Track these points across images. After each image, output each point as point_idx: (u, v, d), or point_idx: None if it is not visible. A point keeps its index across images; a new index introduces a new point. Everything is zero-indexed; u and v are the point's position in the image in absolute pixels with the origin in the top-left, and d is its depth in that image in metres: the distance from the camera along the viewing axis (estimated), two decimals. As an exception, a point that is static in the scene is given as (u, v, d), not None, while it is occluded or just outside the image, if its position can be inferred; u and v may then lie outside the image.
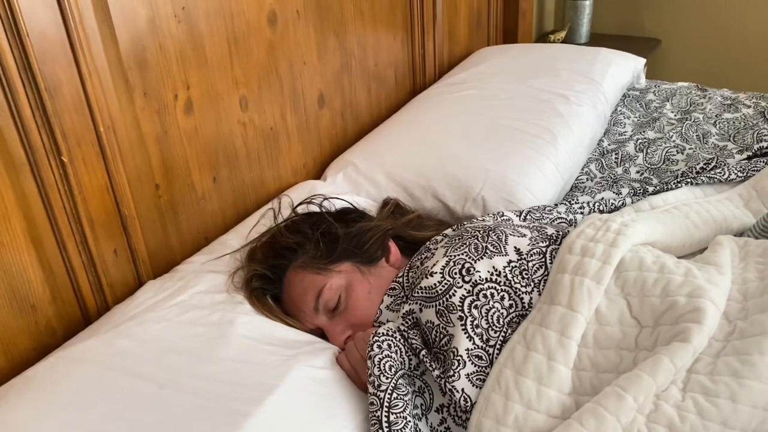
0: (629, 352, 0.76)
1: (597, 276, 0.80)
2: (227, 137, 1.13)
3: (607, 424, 0.68)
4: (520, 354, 0.78)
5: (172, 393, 0.76)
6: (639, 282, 0.80)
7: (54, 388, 0.77)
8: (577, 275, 0.81)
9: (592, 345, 0.77)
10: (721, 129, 1.49)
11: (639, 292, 0.79)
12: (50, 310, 0.91)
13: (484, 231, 0.91)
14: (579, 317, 0.78)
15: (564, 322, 0.77)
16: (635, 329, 0.77)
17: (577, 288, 0.79)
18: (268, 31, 1.18)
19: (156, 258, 1.04)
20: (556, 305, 0.79)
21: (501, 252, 0.87)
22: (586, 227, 0.88)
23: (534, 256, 0.87)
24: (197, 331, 0.85)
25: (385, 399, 0.78)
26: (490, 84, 1.57)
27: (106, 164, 0.93)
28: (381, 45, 1.53)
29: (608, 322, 0.79)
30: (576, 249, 0.84)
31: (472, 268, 0.85)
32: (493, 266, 0.85)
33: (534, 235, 0.91)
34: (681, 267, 0.81)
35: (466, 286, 0.83)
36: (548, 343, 0.77)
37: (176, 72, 1.01)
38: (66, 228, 0.89)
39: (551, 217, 1.07)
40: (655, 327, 0.76)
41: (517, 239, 0.89)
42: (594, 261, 0.81)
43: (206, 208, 1.12)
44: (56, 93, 0.85)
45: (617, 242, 0.83)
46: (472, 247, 0.88)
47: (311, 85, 1.32)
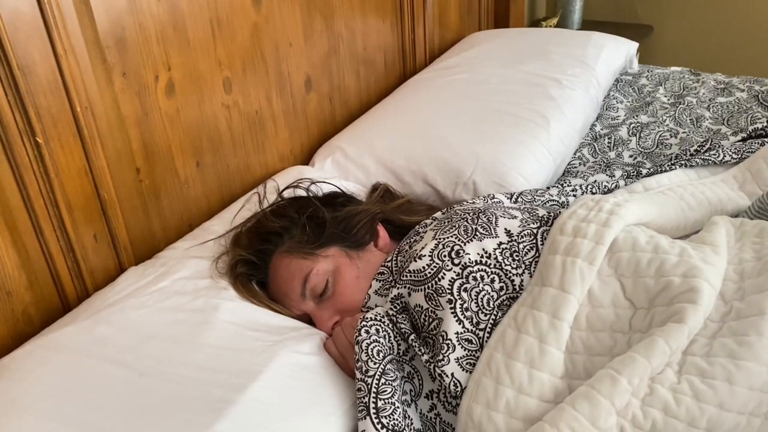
0: (623, 334, 0.74)
1: (589, 256, 0.78)
2: (211, 121, 1.10)
3: (601, 408, 0.66)
4: (510, 337, 0.76)
5: (153, 381, 0.74)
6: (632, 262, 0.78)
7: (31, 376, 0.75)
8: (569, 256, 0.78)
9: (585, 328, 0.75)
10: (715, 113, 1.47)
11: (633, 273, 0.77)
12: (27, 297, 0.88)
13: (474, 213, 0.89)
14: (571, 299, 0.76)
15: (556, 304, 0.75)
16: (629, 311, 0.75)
17: (569, 269, 0.77)
18: (253, 11, 1.15)
19: (138, 244, 1.01)
20: (547, 287, 0.77)
21: (491, 234, 0.85)
22: (578, 208, 0.86)
23: (525, 237, 0.85)
24: (179, 317, 0.82)
25: (372, 384, 0.75)
26: (482, 68, 1.55)
27: (84, 146, 0.90)
28: (370, 28, 1.50)
29: (601, 303, 0.77)
30: (568, 229, 0.82)
31: (461, 251, 0.83)
32: (483, 248, 0.83)
33: (525, 216, 0.89)
34: (676, 247, 0.79)
35: (456, 268, 0.81)
36: (540, 326, 0.75)
37: (157, 52, 0.98)
38: (42, 211, 0.87)
39: (543, 199, 1.05)
40: (650, 308, 0.74)
41: (508, 221, 0.87)
42: (586, 241, 0.79)
43: (190, 193, 1.09)
44: (30, 72, 0.82)
45: (610, 222, 0.81)
46: (461, 230, 0.85)
47: (298, 68, 1.29)
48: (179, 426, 0.69)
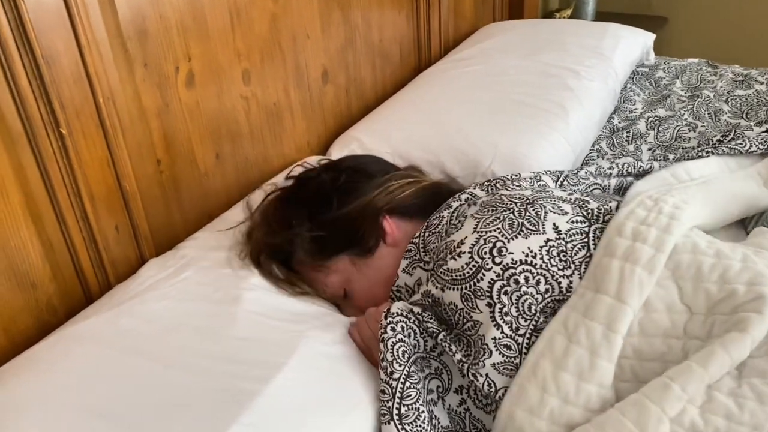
0: (677, 340, 0.71)
1: (649, 265, 0.73)
2: (230, 112, 1.10)
3: (650, 414, 0.63)
4: (560, 346, 0.72)
5: (178, 372, 0.74)
6: (693, 267, 0.74)
7: (56, 368, 0.75)
8: (627, 262, 0.74)
9: (636, 333, 0.72)
10: (734, 106, 1.46)
11: (693, 277, 0.73)
12: (51, 288, 0.88)
13: (522, 204, 0.82)
14: (627, 310, 0.71)
15: (611, 316, 0.71)
16: (684, 316, 0.72)
17: (628, 277, 0.72)
18: (271, 2, 1.14)
19: (158, 235, 1.01)
20: (602, 294, 0.73)
21: (538, 230, 0.79)
22: (636, 207, 0.81)
23: (575, 236, 0.79)
24: (202, 308, 0.83)
25: (397, 389, 0.74)
26: (498, 59, 1.54)
27: (106, 137, 0.90)
28: (386, 20, 1.49)
29: (655, 308, 0.72)
30: (626, 232, 0.77)
31: (504, 249, 0.77)
32: (528, 246, 0.77)
33: (575, 211, 0.83)
34: (737, 252, 0.75)
35: (496, 269, 0.76)
36: (593, 337, 0.71)
37: (177, 43, 0.98)
38: (66, 202, 0.87)
39: (587, 183, 0.99)
40: (709, 315, 0.70)
41: (557, 216, 0.81)
42: (646, 247, 0.74)
43: (209, 184, 1.09)
44: (54, 62, 0.82)
45: (671, 228, 0.76)
46: (506, 223, 0.80)
47: (315, 59, 1.28)
48: (204, 417, 0.69)
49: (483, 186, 0.96)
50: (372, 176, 0.98)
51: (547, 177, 0.98)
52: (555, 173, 1.00)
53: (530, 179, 0.97)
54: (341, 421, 0.73)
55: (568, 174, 0.99)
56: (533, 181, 0.96)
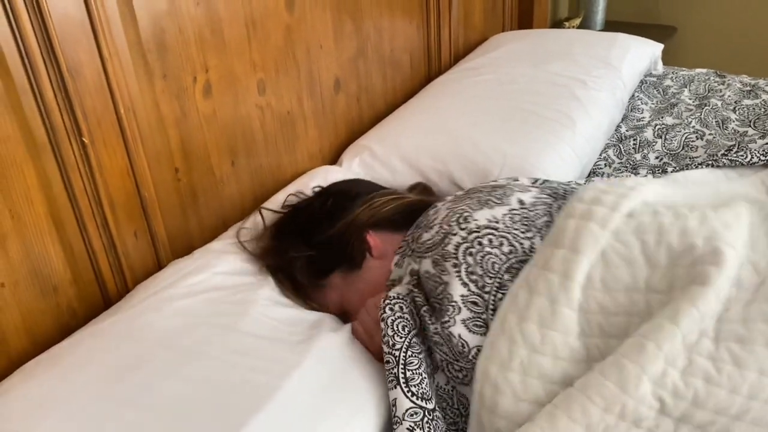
0: (639, 294, 0.74)
1: (602, 221, 0.78)
2: (245, 121, 1.13)
3: (630, 373, 0.66)
4: (523, 298, 0.76)
5: (200, 365, 0.77)
6: (655, 223, 0.78)
7: (82, 361, 0.78)
8: (582, 220, 0.79)
9: (599, 288, 0.75)
10: (741, 115, 1.47)
11: (656, 231, 0.77)
12: (71, 292, 0.91)
13: (492, 187, 0.92)
14: (582, 259, 0.76)
15: (566, 264, 0.76)
16: (645, 270, 0.75)
17: (582, 230, 0.78)
18: (286, 14, 1.17)
19: (175, 241, 1.04)
20: (559, 248, 0.78)
21: (503, 203, 0.87)
22: (598, 183, 0.87)
23: (538, 207, 0.86)
24: (221, 308, 0.86)
25: (400, 357, 0.78)
26: (507, 69, 1.56)
27: (127, 146, 0.93)
28: (397, 30, 1.52)
29: (616, 264, 0.76)
30: (586, 198, 0.83)
31: (470, 217, 0.85)
32: (492, 215, 0.85)
33: (541, 191, 0.91)
34: (695, 212, 0.79)
35: (462, 233, 0.83)
36: (551, 286, 0.75)
37: (195, 55, 1.01)
38: (87, 209, 0.90)
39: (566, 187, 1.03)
40: (670, 268, 0.74)
41: (522, 194, 0.89)
42: (602, 208, 0.80)
43: (225, 192, 1.12)
44: (77, 74, 0.85)
45: (628, 194, 0.82)
46: (474, 200, 0.88)
47: (327, 69, 1.31)
48: (229, 409, 0.71)
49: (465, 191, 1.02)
50: (357, 196, 1.03)
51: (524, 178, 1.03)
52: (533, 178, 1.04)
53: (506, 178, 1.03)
54: (353, 414, 0.76)
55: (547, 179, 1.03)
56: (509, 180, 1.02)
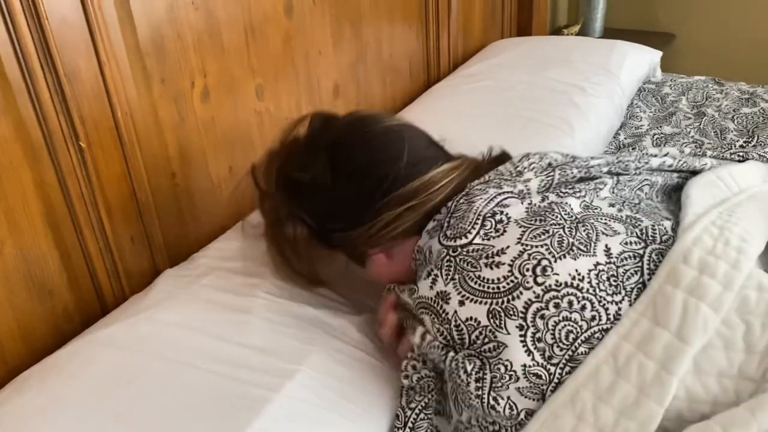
0: (730, 380, 0.66)
1: (716, 303, 0.66)
2: (243, 126, 1.13)
3: None
4: (606, 378, 0.66)
5: (195, 377, 0.76)
6: (763, 304, 0.68)
7: (79, 372, 0.78)
8: (692, 296, 0.67)
9: (690, 371, 0.66)
10: (740, 124, 1.47)
11: (764, 314, 0.67)
12: (67, 296, 0.91)
13: (572, 221, 0.75)
14: (688, 351, 0.65)
15: (669, 354, 0.65)
16: (741, 355, 0.66)
17: (692, 314, 0.66)
18: (285, 20, 1.17)
19: (172, 246, 1.03)
20: (661, 328, 0.66)
21: (588, 251, 0.72)
22: (702, 233, 0.73)
23: (627, 259, 0.72)
24: (217, 316, 0.85)
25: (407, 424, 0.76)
26: (506, 75, 1.57)
27: (124, 150, 0.92)
28: (396, 36, 1.52)
29: (714, 345, 0.67)
30: (693, 261, 0.70)
31: (549, 268, 0.70)
32: (576, 268, 0.70)
33: (628, 231, 0.75)
34: None
35: (537, 289, 0.69)
36: (644, 375, 0.65)
37: (193, 59, 1.01)
38: (83, 214, 0.89)
39: (639, 179, 0.88)
40: (765, 356, 0.65)
41: (609, 238, 0.74)
42: (714, 283, 0.68)
43: (222, 196, 1.12)
44: (75, 78, 0.85)
45: (740, 264, 0.70)
46: (555, 240, 0.72)
47: (326, 75, 1.31)
48: (222, 421, 0.71)
49: (519, 179, 0.82)
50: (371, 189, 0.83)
51: (601, 167, 0.85)
52: (606, 163, 0.87)
53: (583, 169, 0.84)
54: (351, 426, 0.74)
55: (619, 161, 0.88)
56: (590, 183, 0.83)
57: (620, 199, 0.82)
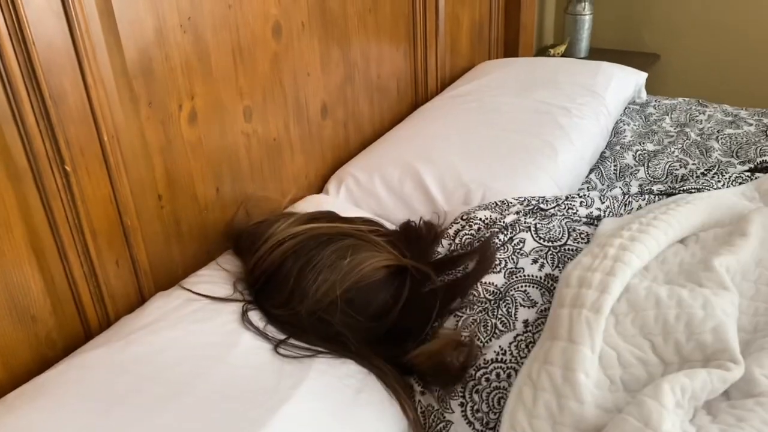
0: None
1: (594, 306, 0.77)
2: (231, 148, 1.13)
3: (650, 408, 0.66)
4: (528, 396, 0.75)
5: (189, 400, 0.75)
6: (660, 321, 0.77)
7: (68, 393, 0.76)
8: (575, 308, 0.78)
9: (621, 389, 0.75)
10: (724, 144, 1.49)
11: (662, 331, 0.77)
12: (50, 322, 0.90)
13: (495, 299, 0.88)
14: (581, 349, 0.74)
15: (566, 356, 0.75)
16: (659, 367, 0.75)
17: (576, 319, 0.77)
18: (273, 42, 1.17)
19: (158, 270, 1.02)
20: (557, 340, 0.77)
21: (509, 328, 0.85)
22: (582, 257, 0.86)
23: (541, 326, 0.84)
24: (211, 339, 0.84)
25: None
26: (493, 97, 1.58)
27: (110, 174, 0.92)
28: (384, 57, 1.53)
29: (631, 364, 0.76)
30: (572, 281, 0.82)
31: (479, 351, 0.84)
32: (499, 345, 0.83)
33: (543, 298, 0.87)
34: (698, 298, 0.78)
35: (470, 370, 0.83)
36: (554, 381, 0.74)
37: (181, 82, 1.01)
38: (68, 238, 0.88)
39: (576, 221, 1.03)
40: (683, 363, 0.74)
41: (527, 311, 0.86)
42: (590, 291, 0.79)
43: (209, 219, 1.11)
44: (61, 101, 0.84)
45: (615, 270, 0.81)
46: (481, 326, 0.86)
47: (314, 96, 1.31)
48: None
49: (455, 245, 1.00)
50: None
51: (525, 235, 0.96)
52: (538, 217, 1.02)
53: (506, 244, 0.95)
54: None
55: (551, 223, 0.99)
56: (510, 255, 0.94)
57: (544, 250, 0.94)
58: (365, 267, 0.88)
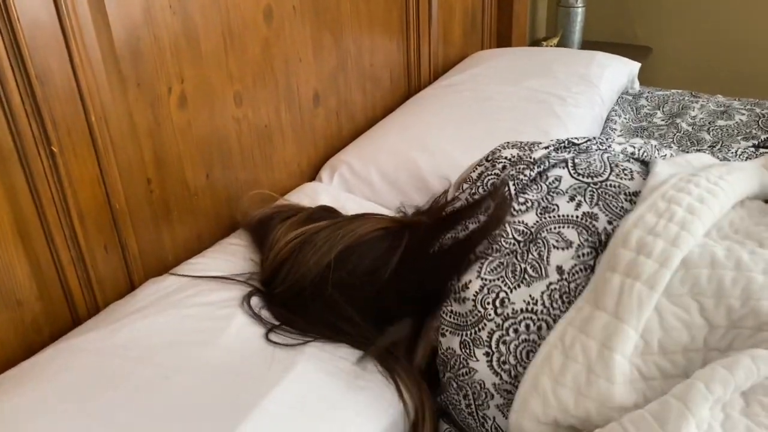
0: (697, 353, 0.68)
1: (651, 280, 0.69)
2: (221, 133, 1.11)
3: (671, 407, 0.60)
4: (557, 361, 0.70)
5: (179, 382, 0.74)
6: (714, 282, 0.69)
7: (57, 377, 0.75)
8: (628, 277, 0.69)
9: (657, 352, 0.69)
10: (715, 136, 1.49)
11: (715, 293, 0.68)
12: (37, 307, 0.88)
13: (525, 242, 0.79)
14: (625, 328, 0.68)
15: (607, 332, 0.68)
16: (704, 330, 0.68)
17: (627, 293, 0.68)
18: (264, 26, 1.16)
19: (147, 255, 1.01)
20: (600, 310, 0.69)
21: (540, 275, 0.76)
22: (646, 211, 0.74)
23: (578, 273, 0.75)
24: (202, 324, 0.83)
25: None
26: (486, 86, 1.57)
27: (98, 156, 0.90)
28: (377, 45, 1.52)
29: (673, 326, 0.69)
30: (631, 243, 0.71)
31: (506, 299, 0.76)
32: (530, 294, 0.75)
33: (582, 238, 0.77)
34: (759, 262, 0.70)
35: (498, 319, 0.75)
36: (588, 354, 0.68)
37: (170, 64, 0.99)
38: (55, 221, 0.86)
39: (605, 156, 0.88)
40: (730, 329, 0.68)
41: (561, 253, 0.77)
42: (650, 262, 0.69)
43: (199, 205, 1.09)
44: (47, 81, 0.82)
45: (679, 241, 0.70)
46: (509, 270, 0.77)
47: (306, 83, 1.30)
48: (207, 427, 0.69)
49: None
50: None
51: (561, 170, 0.86)
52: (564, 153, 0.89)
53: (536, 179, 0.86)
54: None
55: (576, 159, 0.88)
56: (542, 195, 0.83)
57: (583, 186, 0.83)
58: (360, 230, 0.86)
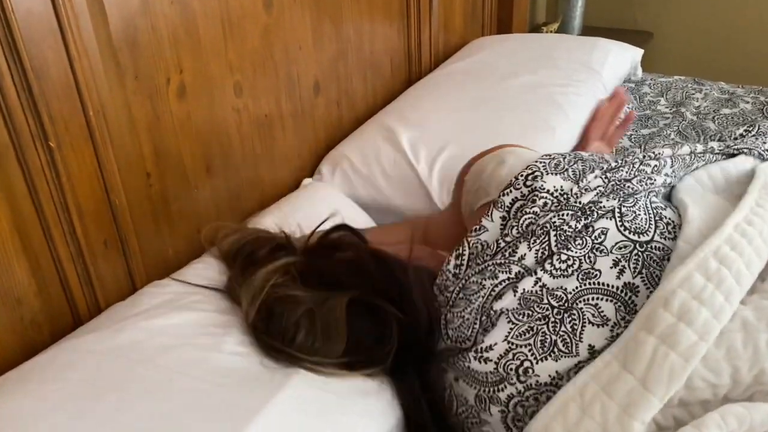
0: (716, 404, 0.65)
1: (687, 353, 0.64)
2: (221, 124, 1.09)
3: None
4: (573, 414, 0.66)
5: (183, 385, 0.73)
6: (750, 346, 0.65)
7: (60, 378, 0.74)
8: (664, 344, 0.64)
9: (676, 405, 0.66)
10: (720, 125, 1.47)
11: (751, 358, 0.65)
12: (36, 304, 0.86)
13: (559, 310, 0.73)
14: (651, 399, 0.63)
15: (631, 398, 0.64)
16: (728, 388, 0.66)
17: (659, 361, 0.64)
18: (264, 14, 1.13)
19: (147, 250, 0.99)
20: (628, 373, 0.65)
21: (570, 352, 0.71)
22: (695, 270, 0.67)
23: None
24: (207, 330, 0.82)
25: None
26: (488, 73, 1.54)
27: (96, 150, 0.88)
28: (377, 32, 1.49)
29: (698, 386, 0.65)
30: (674, 306, 0.66)
31: (530, 369, 0.71)
32: (556, 370, 0.70)
33: (618, 314, 0.71)
34: None
35: (519, 386, 0.72)
36: (606, 416, 0.64)
37: (169, 55, 0.97)
38: (53, 217, 0.85)
39: (651, 205, 0.79)
40: (753, 385, 0.65)
41: (595, 330, 0.71)
42: (689, 332, 0.64)
43: (199, 198, 1.08)
44: (43, 74, 0.80)
45: (722, 315, 0.66)
46: (538, 339, 0.72)
47: (306, 71, 1.28)
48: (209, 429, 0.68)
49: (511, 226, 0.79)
50: None
51: (607, 221, 0.76)
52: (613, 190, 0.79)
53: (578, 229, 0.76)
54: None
55: (625, 196, 0.79)
56: (585, 241, 0.75)
57: (628, 247, 0.75)
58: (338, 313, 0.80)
